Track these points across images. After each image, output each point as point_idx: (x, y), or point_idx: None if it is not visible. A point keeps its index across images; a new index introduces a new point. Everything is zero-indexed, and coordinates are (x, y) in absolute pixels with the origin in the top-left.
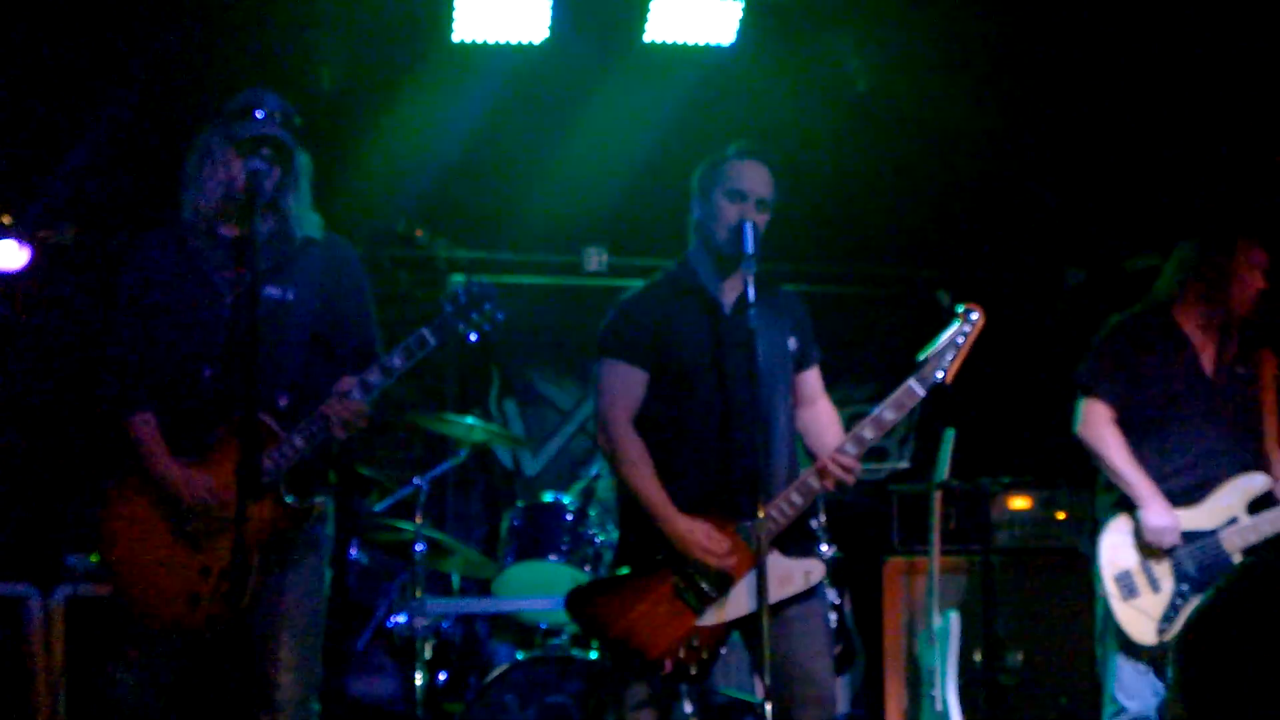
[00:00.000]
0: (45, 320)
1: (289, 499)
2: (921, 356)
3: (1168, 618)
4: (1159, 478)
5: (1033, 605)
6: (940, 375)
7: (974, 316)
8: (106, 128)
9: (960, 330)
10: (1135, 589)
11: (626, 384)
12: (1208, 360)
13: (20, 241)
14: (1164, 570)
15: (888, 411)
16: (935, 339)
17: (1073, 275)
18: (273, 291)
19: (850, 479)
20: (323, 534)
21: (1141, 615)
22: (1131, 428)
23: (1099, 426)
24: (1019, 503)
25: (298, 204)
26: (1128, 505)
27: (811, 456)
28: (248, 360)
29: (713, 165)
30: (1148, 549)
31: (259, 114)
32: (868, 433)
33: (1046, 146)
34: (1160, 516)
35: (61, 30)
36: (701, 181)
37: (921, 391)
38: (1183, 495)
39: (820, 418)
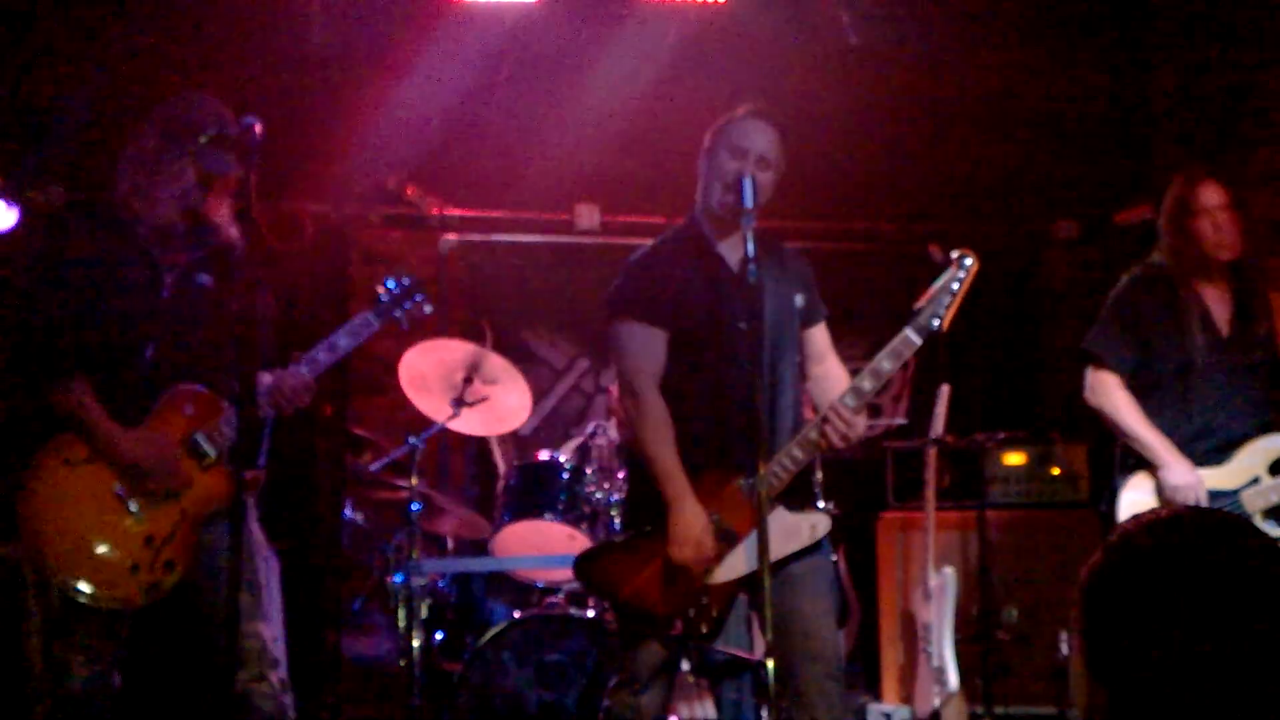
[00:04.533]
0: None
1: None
2: (917, 305)
3: None
4: (1183, 440)
5: (1028, 561)
6: (936, 323)
7: (968, 262)
8: (96, 87)
9: (955, 276)
10: None
11: (648, 345)
12: (1222, 318)
13: (9, 201)
14: None
15: (885, 361)
16: (930, 286)
17: (1064, 228)
18: (205, 279)
19: (847, 436)
20: (245, 500)
21: None
22: (1148, 393)
23: (1110, 392)
24: (1014, 458)
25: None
26: (1147, 463)
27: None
28: (243, 339)
29: (721, 125)
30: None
31: (211, 131)
32: (866, 383)
33: (1038, 98)
34: (1182, 475)
35: None
36: (710, 141)
37: (918, 340)
38: (1207, 456)
39: (829, 375)
